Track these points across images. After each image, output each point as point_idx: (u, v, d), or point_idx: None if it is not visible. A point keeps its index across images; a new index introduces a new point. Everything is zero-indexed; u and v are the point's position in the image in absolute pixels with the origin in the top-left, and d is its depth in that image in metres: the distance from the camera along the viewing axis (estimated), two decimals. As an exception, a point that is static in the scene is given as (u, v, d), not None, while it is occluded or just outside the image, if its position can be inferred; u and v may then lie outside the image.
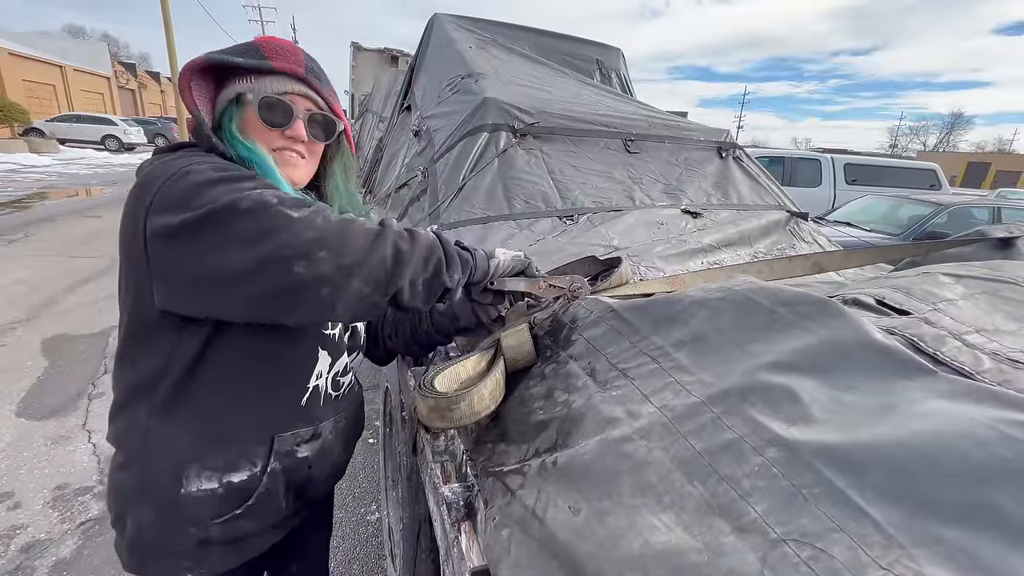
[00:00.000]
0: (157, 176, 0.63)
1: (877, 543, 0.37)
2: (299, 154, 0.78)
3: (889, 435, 0.43)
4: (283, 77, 0.75)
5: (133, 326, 0.70)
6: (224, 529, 0.75)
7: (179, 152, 0.71)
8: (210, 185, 0.59)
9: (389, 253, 0.62)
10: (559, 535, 0.51)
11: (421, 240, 0.67)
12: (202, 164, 0.63)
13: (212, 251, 0.57)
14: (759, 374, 0.55)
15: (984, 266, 0.92)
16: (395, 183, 2.38)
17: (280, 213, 0.57)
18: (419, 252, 0.66)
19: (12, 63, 20.58)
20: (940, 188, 8.38)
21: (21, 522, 1.85)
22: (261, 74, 0.74)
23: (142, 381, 0.71)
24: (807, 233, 1.97)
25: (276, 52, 0.74)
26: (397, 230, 0.66)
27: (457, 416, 0.68)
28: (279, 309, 0.60)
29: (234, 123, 0.74)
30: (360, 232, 0.62)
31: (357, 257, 0.60)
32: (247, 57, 0.73)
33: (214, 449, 0.73)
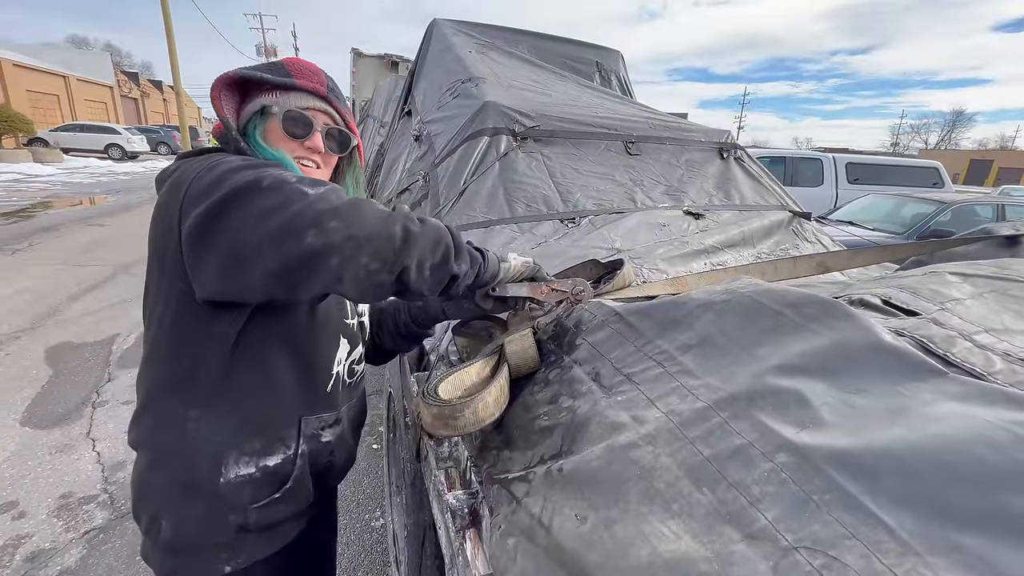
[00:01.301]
0: (190, 173, 0.66)
1: (892, 550, 0.36)
2: (315, 164, 0.84)
3: (902, 439, 0.42)
4: (306, 94, 0.81)
5: (166, 323, 0.72)
6: (261, 514, 0.77)
7: (206, 155, 0.75)
8: (237, 170, 0.63)
9: (398, 231, 0.63)
10: (566, 544, 0.51)
11: (431, 224, 0.68)
12: (230, 157, 0.69)
13: (236, 227, 0.60)
14: (767, 378, 0.54)
15: (991, 264, 0.91)
16: (396, 188, 2.38)
17: (297, 190, 0.61)
18: (429, 235, 0.67)
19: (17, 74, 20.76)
20: (943, 186, 8.34)
21: (26, 531, 1.85)
22: (286, 90, 0.80)
23: (178, 376, 0.73)
24: (810, 233, 1.96)
25: (301, 71, 0.81)
26: (408, 213, 0.67)
27: (462, 424, 0.68)
28: (294, 283, 0.62)
29: (259, 132, 0.79)
30: (372, 209, 0.64)
31: (367, 230, 0.61)
32: (274, 74, 0.80)
33: (251, 434, 0.76)
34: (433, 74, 2.71)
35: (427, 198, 1.89)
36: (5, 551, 1.75)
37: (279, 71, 0.81)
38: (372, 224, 0.62)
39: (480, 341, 0.97)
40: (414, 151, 2.38)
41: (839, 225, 5.28)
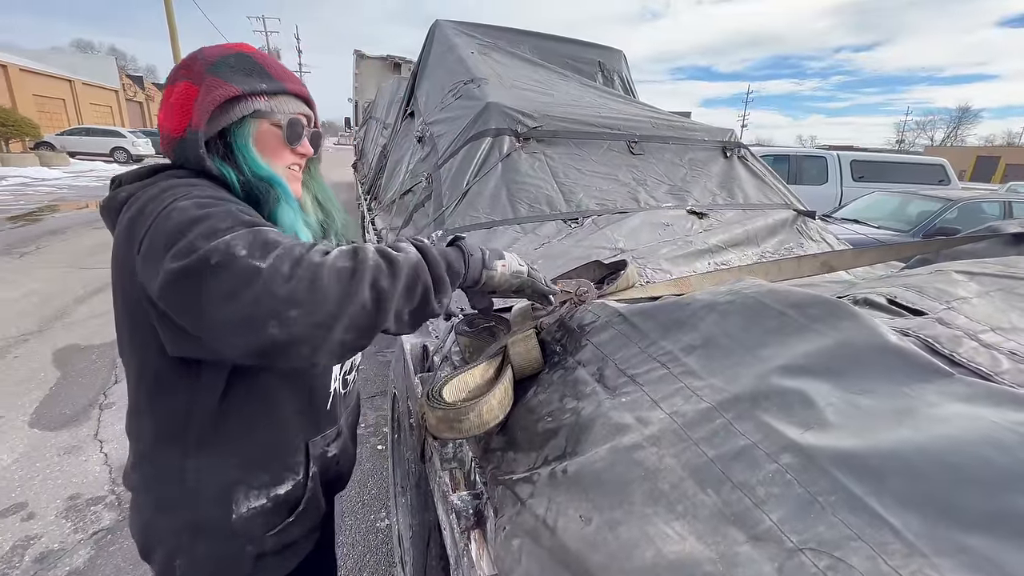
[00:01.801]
0: (144, 216, 0.61)
1: (898, 552, 0.36)
2: (300, 167, 0.82)
3: (907, 440, 0.42)
4: (295, 98, 0.77)
5: (147, 378, 0.69)
6: (277, 539, 0.77)
7: (159, 179, 0.69)
8: (188, 227, 0.57)
9: (368, 296, 0.57)
10: (570, 545, 0.51)
11: (403, 269, 0.61)
12: (187, 199, 0.61)
13: (194, 307, 0.56)
14: (771, 378, 0.54)
15: (998, 262, 0.91)
16: (399, 189, 2.39)
17: (247, 267, 0.54)
18: (402, 284, 0.61)
19: (23, 79, 20.93)
20: (949, 183, 8.28)
21: (35, 532, 1.86)
22: (275, 95, 0.75)
23: (169, 429, 0.70)
24: (815, 231, 1.95)
25: (285, 74, 0.77)
26: (375, 262, 0.60)
27: (466, 427, 0.68)
28: (268, 360, 0.57)
29: (249, 140, 0.73)
30: (333, 278, 0.56)
31: (332, 310, 0.55)
32: (261, 79, 0.74)
33: (257, 469, 0.75)
34: (435, 75, 2.72)
35: (430, 199, 1.90)
36: (15, 552, 1.77)
37: (263, 75, 0.74)
38: (336, 300, 0.56)
39: (483, 342, 0.97)
40: (417, 152, 2.39)
41: (844, 223, 5.25)
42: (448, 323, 1.14)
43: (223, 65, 0.71)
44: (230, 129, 0.72)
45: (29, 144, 17.58)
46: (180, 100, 0.70)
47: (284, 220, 0.72)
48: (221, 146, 0.71)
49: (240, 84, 0.71)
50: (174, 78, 0.73)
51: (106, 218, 0.72)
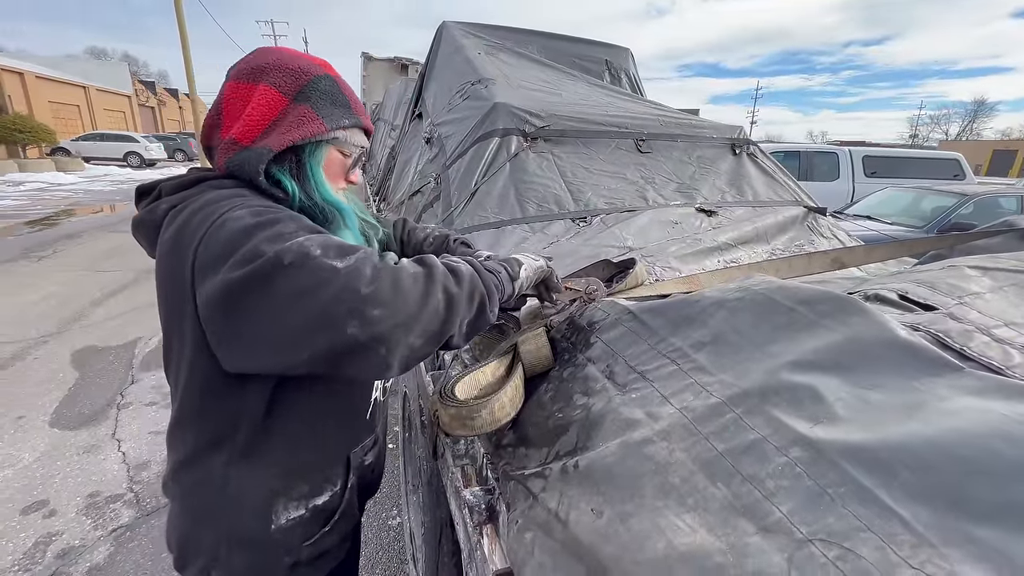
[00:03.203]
0: (194, 228, 0.59)
1: (907, 542, 0.36)
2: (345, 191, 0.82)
3: (917, 433, 0.43)
4: (363, 133, 0.78)
5: (194, 389, 0.67)
6: (313, 548, 0.77)
7: (204, 188, 0.66)
8: (250, 232, 0.56)
9: (441, 300, 0.59)
10: (582, 537, 0.52)
11: (466, 278, 0.64)
12: (242, 208, 0.59)
13: (263, 313, 0.54)
14: (780, 374, 0.54)
15: (1012, 257, 0.90)
16: (408, 190, 2.41)
17: (324, 265, 0.53)
18: (466, 292, 0.63)
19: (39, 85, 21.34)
20: (964, 178, 8.13)
21: (56, 529, 1.91)
22: (350, 128, 0.75)
23: (214, 438, 0.69)
24: (826, 228, 1.93)
25: (359, 108, 0.77)
26: (442, 270, 0.62)
27: (479, 424, 0.69)
28: (339, 366, 0.56)
29: (320, 163, 0.72)
30: (410, 281, 0.57)
31: (412, 311, 0.56)
32: (345, 113, 0.74)
33: (298, 480, 0.75)
34: (443, 76, 2.73)
35: (439, 199, 1.91)
36: (37, 548, 1.82)
37: (347, 108, 0.73)
38: (415, 302, 0.56)
39: (493, 339, 0.98)
40: (425, 153, 2.41)
41: (856, 220, 5.19)
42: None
43: (315, 91, 0.70)
44: (304, 149, 0.70)
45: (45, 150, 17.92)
46: (261, 109, 0.66)
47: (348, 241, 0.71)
48: (293, 161, 0.70)
49: (328, 119, 0.70)
50: (252, 77, 0.68)
51: (141, 235, 0.68)
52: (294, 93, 0.68)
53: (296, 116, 0.68)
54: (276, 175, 0.68)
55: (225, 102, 0.68)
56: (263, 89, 0.67)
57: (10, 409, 2.68)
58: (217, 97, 0.70)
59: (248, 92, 0.67)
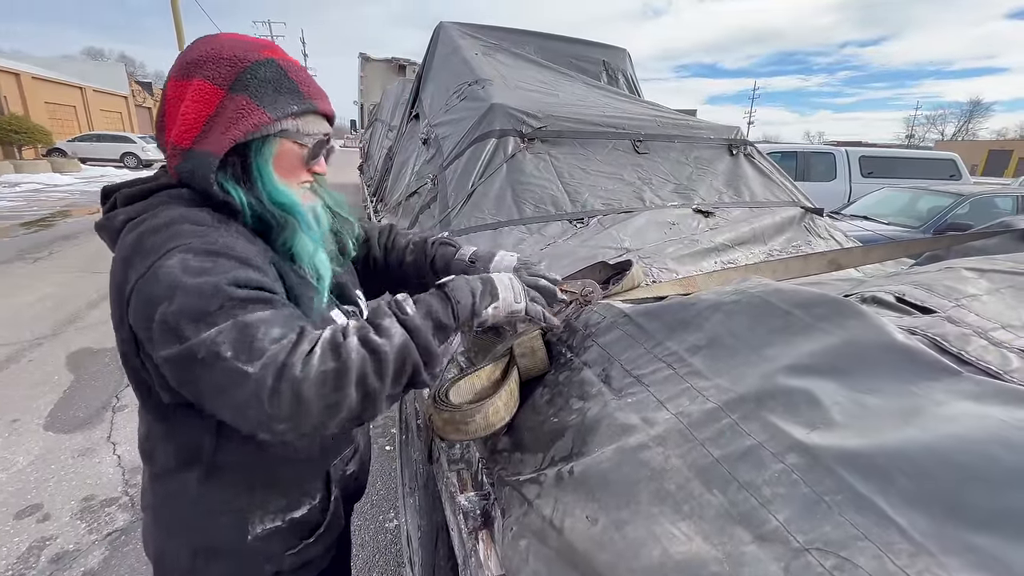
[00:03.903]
0: (136, 259, 0.58)
1: (904, 551, 0.36)
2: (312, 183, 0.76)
3: (914, 439, 0.42)
4: (321, 118, 0.72)
5: (151, 409, 0.67)
6: (296, 558, 0.76)
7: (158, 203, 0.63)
8: (174, 299, 0.54)
9: (355, 397, 0.57)
10: (577, 545, 0.51)
11: (390, 358, 0.59)
12: (180, 252, 0.56)
13: (191, 387, 0.56)
14: (777, 378, 0.54)
15: (1009, 259, 0.90)
16: (405, 191, 2.40)
17: (234, 369, 0.53)
18: (390, 375, 0.59)
19: (35, 86, 21.25)
20: (960, 178, 8.17)
21: (50, 533, 1.89)
22: (303, 115, 0.68)
23: (182, 457, 0.69)
24: (823, 229, 1.93)
25: (314, 91, 0.70)
26: (359, 359, 0.57)
27: (472, 429, 0.68)
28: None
29: (269, 160, 0.66)
30: (315, 390, 0.55)
31: (316, 422, 0.56)
32: (293, 99, 0.67)
33: (274, 494, 0.73)
34: (440, 77, 2.73)
35: (436, 201, 1.90)
36: (31, 553, 1.80)
37: (296, 96, 0.67)
38: (320, 412, 0.55)
39: (488, 341, 0.97)
40: (422, 154, 2.40)
41: (853, 220, 5.20)
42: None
43: (254, 78, 0.63)
44: (250, 147, 0.65)
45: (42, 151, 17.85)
46: (195, 106, 0.61)
47: (302, 250, 0.68)
48: (238, 164, 0.65)
49: (272, 109, 0.64)
50: (186, 73, 0.63)
51: (104, 237, 0.67)
52: (230, 83, 0.62)
53: (234, 109, 0.62)
54: (223, 184, 0.63)
55: (166, 103, 0.64)
56: (196, 84, 0.62)
57: (4, 412, 2.66)
58: (160, 98, 0.67)
59: (183, 90, 0.63)
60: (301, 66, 0.71)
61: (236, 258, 0.59)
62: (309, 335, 0.58)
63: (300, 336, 0.57)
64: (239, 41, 0.66)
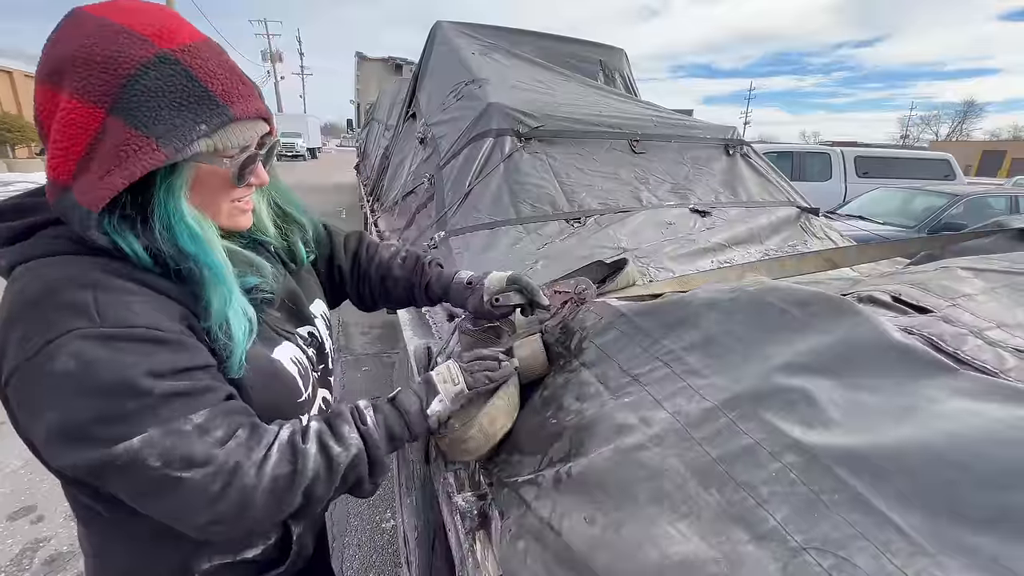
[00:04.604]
0: (18, 322, 0.47)
1: (902, 551, 0.36)
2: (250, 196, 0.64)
3: (911, 438, 0.42)
4: (252, 121, 0.56)
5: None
6: None
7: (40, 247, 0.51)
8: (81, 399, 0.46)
9: (298, 502, 0.56)
10: (575, 546, 0.51)
11: (341, 469, 0.58)
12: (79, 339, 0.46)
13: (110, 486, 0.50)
14: (774, 376, 0.54)
15: (1004, 258, 0.90)
16: (402, 190, 2.40)
17: (163, 478, 0.47)
18: (336, 483, 0.58)
19: (29, 84, 21.05)
20: (954, 178, 8.22)
21: (44, 535, 1.88)
22: (221, 127, 0.53)
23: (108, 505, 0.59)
24: (818, 228, 1.94)
25: (232, 88, 0.53)
26: (315, 470, 0.55)
27: (474, 447, 0.68)
28: None
29: (182, 192, 0.52)
30: (266, 496, 0.52)
31: (257, 521, 0.53)
32: (199, 111, 0.51)
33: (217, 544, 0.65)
34: (437, 76, 2.72)
35: (432, 200, 1.90)
36: (24, 555, 1.79)
37: (205, 101, 0.51)
38: (264, 514, 0.53)
39: (486, 342, 0.97)
40: (419, 154, 2.39)
41: (848, 220, 5.23)
42: (452, 323, 1.14)
43: (138, 93, 0.47)
44: (152, 184, 0.51)
45: (35, 150, 17.71)
46: (66, 133, 0.47)
47: (214, 304, 0.54)
48: (128, 203, 0.50)
49: (169, 137, 0.49)
50: (53, 78, 0.48)
51: None
52: (108, 102, 0.47)
53: (114, 144, 0.47)
54: (107, 232, 0.50)
55: (38, 111, 0.50)
56: (65, 103, 0.47)
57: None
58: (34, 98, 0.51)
59: (52, 101, 0.48)
60: (214, 49, 0.53)
61: (146, 339, 0.49)
62: (261, 433, 0.55)
63: (251, 434, 0.53)
64: (120, 30, 0.48)
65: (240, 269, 0.59)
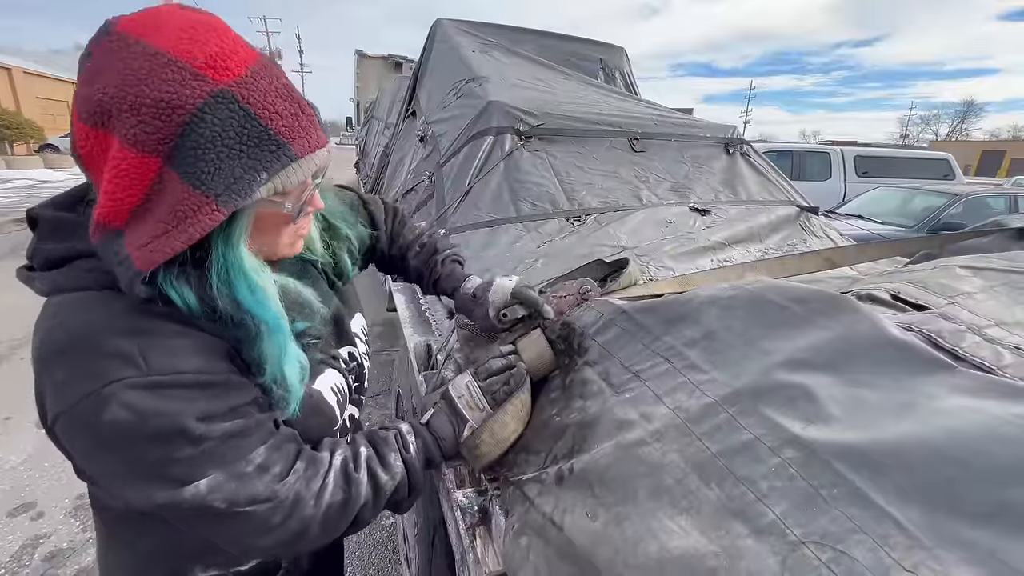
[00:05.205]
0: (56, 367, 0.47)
1: (900, 544, 0.36)
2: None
3: (910, 433, 0.42)
4: (312, 157, 0.50)
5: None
6: None
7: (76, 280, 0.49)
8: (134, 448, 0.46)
9: (345, 525, 0.59)
10: (577, 541, 0.51)
11: (386, 496, 0.61)
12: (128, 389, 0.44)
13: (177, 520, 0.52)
14: (774, 372, 0.54)
15: (1003, 257, 0.90)
16: (402, 188, 2.40)
17: (228, 514, 0.49)
18: (381, 508, 0.62)
19: (27, 81, 21.03)
20: (954, 178, 8.23)
21: (44, 531, 1.88)
22: (283, 168, 0.48)
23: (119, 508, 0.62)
24: (818, 227, 1.94)
25: (296, 127, 0.48)
26: (367, 497, 0.59)
27: (485, 451, 0.68)
28: None
29: (241, 242, 0.49)
30: (320, 523, 0.55)
31: (309, 543, 0.56)
32: (261, 156, 0.46)
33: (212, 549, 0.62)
34: (437, 74, 2.72)
35: (433, 198, 1.90)
36: (25, 551, 1.79)
37: (267, 143, 0.46)
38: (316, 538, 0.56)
39: (483, 337, 0.97)
40: (419, 151, 2.39)
41: (848, 219, 5.24)
42: (451, 321, 1.15)
43: (194, 143, 0.42)
44: (210, 238, 0.47)
45: (34, 147, 17.67)
46: (123, 182, 0.43)
47: (269, 358, 0.53)
48: (188, 263, 0.48)
49: (230, 193, 0.45)
50: (100, 120, 0.42)
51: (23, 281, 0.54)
52: (165, 151, 0.42)
53: (172, 198, 0.43)
54: (161, 286, 0.47)
55: (82, 152, 0.46)
56: (117, 148, 0.42)
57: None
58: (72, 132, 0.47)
59: (102, 145, 0.44)
60: (272, 73, 0.48)
61: (194, 385, 0.48)
62: (318, 465, 0.57)
63: (308, 465, 0.56)
64: (170, 62, 0.42)
65: (290, 314, 0.57)
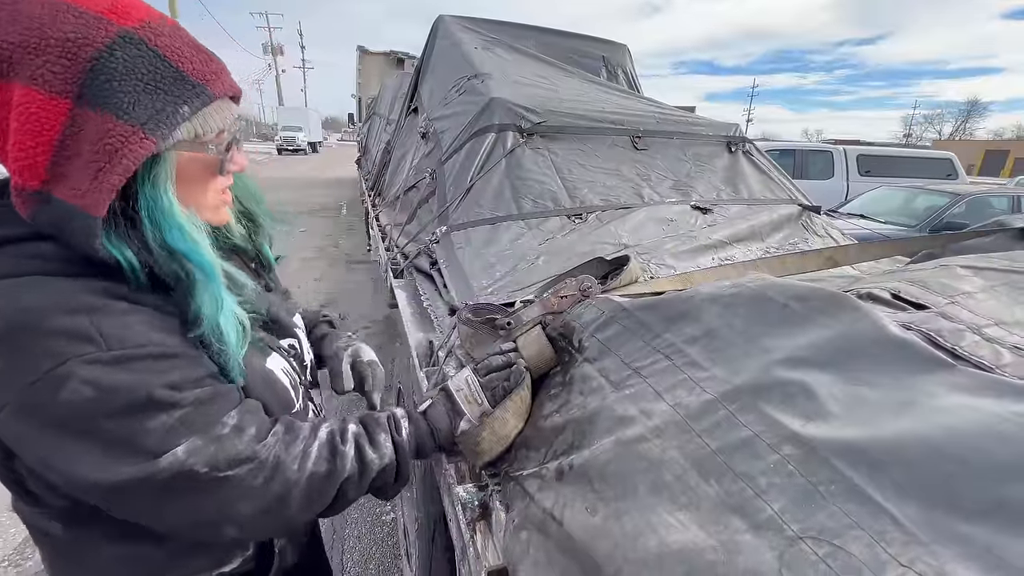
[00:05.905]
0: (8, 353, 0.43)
1: (897, 540, 0.37)
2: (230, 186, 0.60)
3: (908, 431, 0.43)
4: (225, 101, 0.52)
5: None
6: None
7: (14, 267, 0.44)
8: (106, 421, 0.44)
9: (329, 498, 0.58)
10: (577, 535, 0.52)
11: (372, 475, 0.61)
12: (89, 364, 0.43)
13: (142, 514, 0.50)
14: (774, 370, 0.54)
15: (1004, 257, 0.90)
16: (403, 185, 2.40)
17: (210, 480, 0.48)
18: (365, 487, 0.62)
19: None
20: (957, 177, 8.21)
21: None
22: (200, 109, 0.48)
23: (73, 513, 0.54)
24: (820, 227, 1.94)
25: (208, 70, 0.49)
26: (351, 471, 0.58)
27: (486, 447, 0.69)
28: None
29: (167, 187, 0.48)
30: (303, 491, 0.54)
31: (292, 515, 0.55)
32: (179, 93, 0.46)
33: (193, 553, 0.61)
34: (439, 71, 2.72)
35: (434, 195, 1.90)
36: (27, 543, 1.80)
37: (181, 83, 0.46)
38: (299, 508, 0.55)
39: (484, 334, 0.98)
40: (421, 148, 2.39)
41: (850, 218, 5.23)
42: (453, 318, 1.15)
43: (110, 77, 0.42)
44: (135, 179, 0.46)
45: None
46: (28, 128, 0.41)
47: (205, 310, 0.51)
48: (117, 212, 0.46)
49: (155, 123, 0.44)
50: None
51: None
52: (75, 90, 0.41)
53: (97, 136, 0.42)
54: (105, 246, 0.45)
55: None
56: (21, 93, 0.41)
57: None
58: None
59: (4, 97, 0.42)
60: (174, 27, 0.48)
61: (158, 356, 0.47)
62: (296, 430, 0.56)
63: (287, 429, 0.55)
64: (69, 8, 0.42)
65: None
